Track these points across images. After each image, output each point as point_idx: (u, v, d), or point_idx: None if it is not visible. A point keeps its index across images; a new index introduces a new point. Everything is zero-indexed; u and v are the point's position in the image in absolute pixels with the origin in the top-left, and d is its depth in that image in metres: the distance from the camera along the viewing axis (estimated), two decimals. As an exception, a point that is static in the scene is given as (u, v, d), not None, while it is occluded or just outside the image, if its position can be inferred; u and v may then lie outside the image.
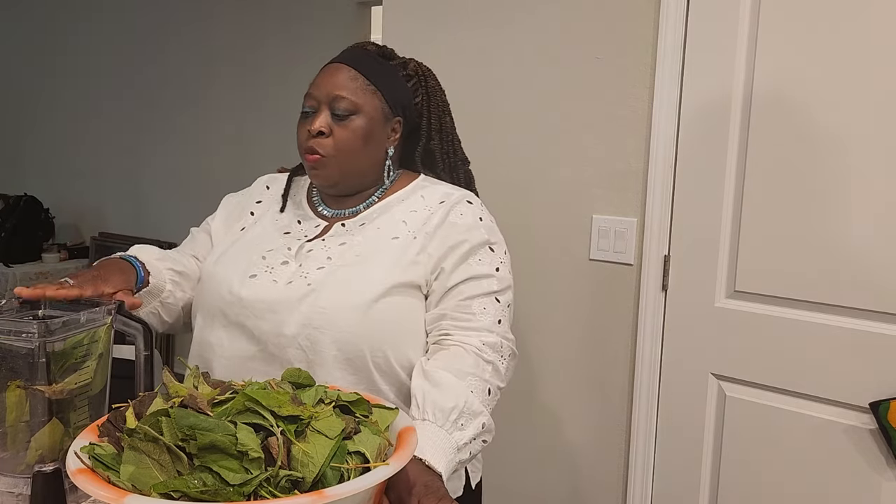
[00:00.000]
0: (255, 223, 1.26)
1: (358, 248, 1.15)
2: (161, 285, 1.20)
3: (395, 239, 1.15)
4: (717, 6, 1.61)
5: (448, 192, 1.22)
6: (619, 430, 1.85)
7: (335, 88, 1.16)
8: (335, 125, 1.16)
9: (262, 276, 1.14)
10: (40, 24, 4.56)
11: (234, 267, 1.17)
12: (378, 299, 1.09)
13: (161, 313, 1.22)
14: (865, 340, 1.49)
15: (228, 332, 1.14)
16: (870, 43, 1.46)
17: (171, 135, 4.00)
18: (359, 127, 1.16)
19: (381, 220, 1.19)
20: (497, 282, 1.15)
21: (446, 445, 0.96)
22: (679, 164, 1.69)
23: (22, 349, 0.89)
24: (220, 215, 1.33)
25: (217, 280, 1.17)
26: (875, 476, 1.51)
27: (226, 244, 1.25)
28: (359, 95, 1.16)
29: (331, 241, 1.17)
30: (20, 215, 4.18)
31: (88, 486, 0.69)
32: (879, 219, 1.47)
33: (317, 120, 1.15)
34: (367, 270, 1.11)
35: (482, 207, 1.22)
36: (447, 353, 1.08)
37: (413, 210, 1.19)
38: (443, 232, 1.15)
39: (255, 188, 1.35)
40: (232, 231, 1.28)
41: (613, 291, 1.82)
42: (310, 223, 1.23)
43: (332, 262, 1.13)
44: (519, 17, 1.90)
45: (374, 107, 1.18)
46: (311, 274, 1.12)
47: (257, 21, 3.63)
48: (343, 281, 1.10)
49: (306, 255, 1.16)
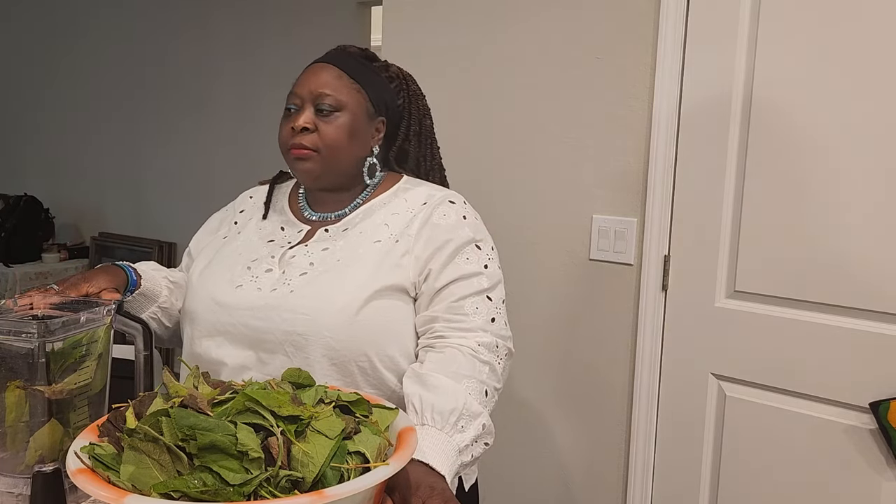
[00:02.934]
0: (239, 232, 1.26)
1: (340, 252, 1.15)
2: (157, 290, 1.23)
3: (378, 242, 1.15)
4: (717, 6, 1.61)
5: (430, 194, 1.21)
6: (619, 430, 1.85)
7: (319, 86, 1.16)
8: (319, 121, 1.16)
9: (248, 284, 1.14)
10: (40, 25, 4.55)
11: (220, 277, 1.17)
12: (362, 304, 1.08)
13: (161, 318, 1.24)
14: (865, 340, 1.49)
15: (216, 342, 1.13)
16: (869, 43, 1.46)
17: (172, 135, 4.00)
18: (343, 123, 1.16)
19: (363, 224, 1.19)
20: (487, 279, 1.14)
21: (448, 448, 0.96)
22: (679, 164, 1.69)
23: (21, 349, 0.89)
24: (201, 231, 1.34)
25: (203, 291, 1.18)
26: (875, 476, 1.51)
27: (208, 255, 1.25)
28: (343, 93, 1.17)
29: (314, 247, 1.17)
30: (20, 215, 4.18)
31: (88, 486, 0.69)
32: (879, 219, 1.47)
33: (301, 117, 1.16)
34: (348, 275, 1.11)
35: (465, 206, 1.21)
36: (441, 356, 1.07)
37: (395, 213, 1.19)
38: (427, 233, 1.15)
39: (239, 200, 1.36)
40: (214, 239, 1.28)
41: (613, 291, 1.82)
42: (293, 229, 1.23)
43: (315, 268, 1.13)
44: (519, 18, 1.90)
45: (359, 104, 1.18)
46: (293, 280, 1.12)
47: (257, 21, 3.63)
48: (325, 286, 1.10)
49: (289, 261, 1.16)
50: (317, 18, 3.44)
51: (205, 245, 1.29)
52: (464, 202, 1.22)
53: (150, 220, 4.12)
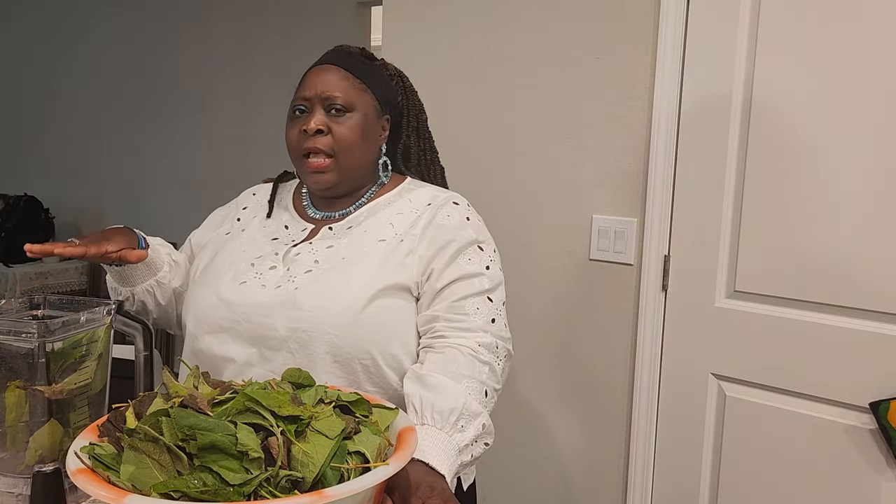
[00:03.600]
0: (243, 230, 1.26)
1: (344, 250, 1.15)
2: (160, 263, 1.24)
3: (382, 241, 1.15)
4: (717, 6, 1.61)
5: (435, 195, 1.22)
6: (619, 430, 1.85)
7: (328, 88, 1.16)
8: (332, 123, 1.16)
9: (252, 281, 1.14)
10: (40, 25, 4.56)
11: (223, 274, 1.17)
12: (366, 302, 1.09)
13: (156, 293, 1.25)
14: (865, 340, 1.49)
15: (219, 339, 1.13)
16: (869, 43, 1.46)
17: (172, 135, 4.01)
18: (356, 124, 1.17)
19: (367, 222, 1.19)
20: (488, 280, 1.15)
21: (448, 447, 0.96)
22: (679, 164, 1.69)
23: (21, 349, 0.89)
24: (203, 226, 1.35)
25: (206, 287, 1.18)
26: (875, 476, 1.51)
27: (211, 251, 1.25)
28: (351, 93, 1.17)
29: (318, 245, 1.17)
30: (20, 215, 4.18)
31: (88, 486, 0.69)
32: (879, 219, 1.47)
33: (312, 119, 1.15)
34: (353, 273, 1.11)
35: (469, 207, 1.22)
36: (441, 357, 1.07)
37: (400, 213, 1.20)
38: (431, 233, 1.16)
39: (242, 197, 1.36)
40: (216, 236, 1.28)
41: (613, 291, 1.82)
42: (297, 227, 1.23)
43: (319, 266, 1.13)
44: (519, 18, 1.90)
45: (367, 104, 1.19)
46: (298, 277, 1.12)
47: (258, 22, 3.63)
48: (329, 284, 1.10)
49: (294, 258, 1.16)
50: (317, 18, 3.44)
51: (207, 241, 1.29)
52: (467, 204, 1.23)
53: (150, 220, 4.12)
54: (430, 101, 1.34)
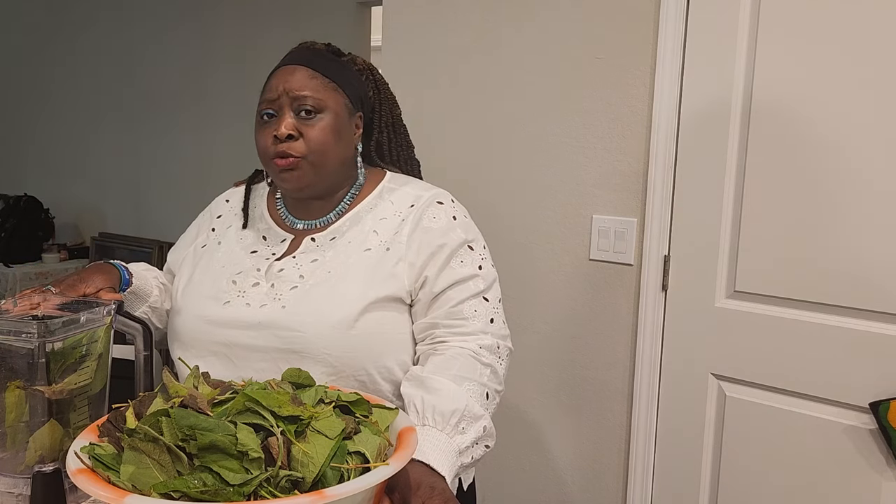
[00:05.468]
0: (219, 242, 1.22)
1: (330, 264, 1.11)
2: (148, 289, 1.20)
3: (367, 251, 1.12)
4: (717, 6, 1.61)
5: (418, 195, 1.18)
6: (619, 429, 1.85)
7: (296, 89, 1.11)
8: (302, 126, 1.10)
9: (235, 300, 1.11)
10: (40, 25, 4.56)
11: (204, 293, 1.14)
12: (357, 318, 1.06)
13: (152, 318, 1.22)
14: (865, 340, 1.49)
15: (206, 362, 1.09)
16: (868, 43, 1.45)
17: (172, 135, 4.00)
18: (327, 125, 1.11)
19: (351, 232, 1.15)
20: (482, 280, 1.13)
21: (448, 449, 0.96)
22: (679, 164, 1.69)
23: (21, 349, 0.89)
24: (178, 243, 1.30)
25: (189, 310, 1.14)
26: (875, 476, 1.51)
27: (188, 268, 1.21)
28: (321, 93, 1.12)
29: (302, 259, 1.13)
30: (20, 215, 4.18)
31: (88, 486, 0.69)
32: (879, 219, 1.47)
33: (282, 123, 1.10)
34: (341, 288, 1.08)
35: (454, 205, 1.18)
36: (442, 359, 1.06)
37: (383, 218, 1.15)
38: (419, 237, 1.12)
39: (214, 204, 1.31)
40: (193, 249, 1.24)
41: (613, 291, 1.82)
42: (276, 238, 1.18)
43: (305, 281, 1.10)
44: (519, 18, 1.90)
45: (338, 103, 1.14)
46: (284, 295, 1.09)
47: (257, 22, 3.63)
48: (318, 301, 1.07)
49: (277, 274, 1.12)
50: (317, 19, 3.44)
51: (183, 257, 1.25)
52: (451, 200, 1.19)
53: (150, 220, 4.12)
54: (430, 101, 1.34)
